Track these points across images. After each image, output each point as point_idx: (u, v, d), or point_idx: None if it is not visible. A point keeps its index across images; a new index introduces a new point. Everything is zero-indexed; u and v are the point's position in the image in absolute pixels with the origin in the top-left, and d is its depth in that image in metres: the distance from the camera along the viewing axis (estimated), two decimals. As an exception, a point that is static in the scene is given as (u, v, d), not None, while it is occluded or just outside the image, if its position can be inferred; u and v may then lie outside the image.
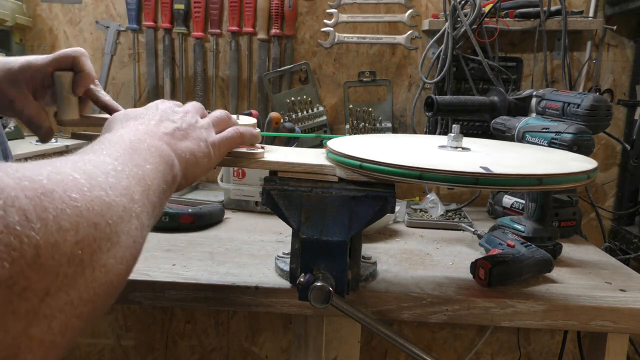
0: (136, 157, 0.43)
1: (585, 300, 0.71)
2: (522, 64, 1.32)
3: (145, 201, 0.40)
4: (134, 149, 0.45)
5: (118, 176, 0.37)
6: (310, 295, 0.62)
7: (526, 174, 0.58)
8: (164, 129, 0.53)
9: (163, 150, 0.49)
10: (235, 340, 1.52)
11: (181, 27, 1.40)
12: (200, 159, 0.56)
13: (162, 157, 0.48)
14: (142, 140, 0.48)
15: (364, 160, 0.62)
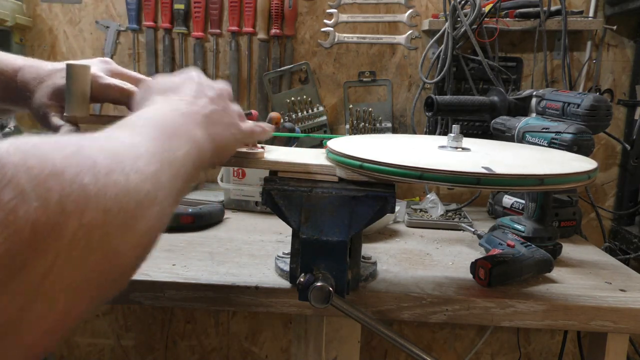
0: (171, 141, 0.43)
1: (585, 300, 0.71)
2: (522, 64, 1.32)
3: (171, 187, 0.39)
4: (171, 132, 0.44)
5: (149, 160, 0.37)
6: (310, 295, 0.62)
7: (528, 174, 0.58)
8: (203, 109, 0.52)
9: (199, 137, 0.48)
10: (235, 340, 1.52)
11: (181, 27, 1.40)
12: (229, 145, 0.57)
13: (197, 142, 0.47)
14: (181, 123, 0.48)
15: (365, 160, 0.62)
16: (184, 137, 0.46)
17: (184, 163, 0.43)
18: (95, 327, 1.53)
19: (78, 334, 1.54)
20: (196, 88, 0.55)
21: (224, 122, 0.55)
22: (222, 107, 0.55)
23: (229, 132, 0.55)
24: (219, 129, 0.53)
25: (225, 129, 0.55)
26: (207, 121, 0.52)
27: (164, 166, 0.39)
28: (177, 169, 0.41)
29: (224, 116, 0.55)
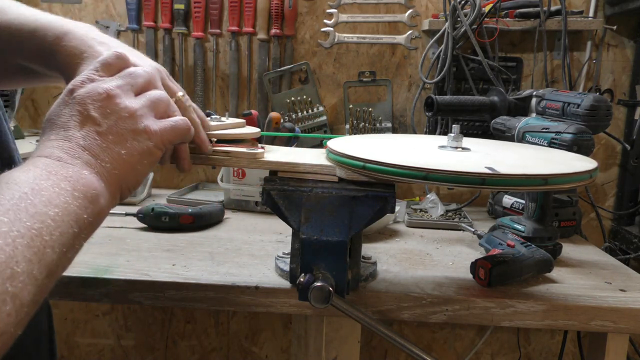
0: (36, 203, 0.36)
1: (585, 300, 0.71)
2: (522, 64, 1.32)
3: (34, 268, 0.34)
4: (37, 189, 0.38)
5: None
6: (310, 295, 0.62)
7: (532, 174, 0.58)
8: (83, 142, 0.44)
9: (81, 180, 0.41)
10: (235, 340, 1.52)
11: (181, 27, 1.40)
12: (138, 163, 0.47)
13: (79, 190, 0.40)
14: (52, 173, 0.40)
15: (367, 160, 0.61)
16: (58, 188, 0.39)
17: (58, 225, 0.37)
18: (95, 327, 1.53)
19: (78, 334, 1.54)
20: (78, 108, 0.45)
21: (125, 132, 0.46)
22: (111, 122, 0.46)
23: (131, 147, 0.46)
24: (117, 149, 0.45)
25: (129, 143, 0.46)
26: (97, 152, 0.44)
27: (20, 245, 0.33)
28: (44, 240, 0.36)
29: (124, 124, 0.46)
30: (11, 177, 0.38)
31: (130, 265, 0.78)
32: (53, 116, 0.46)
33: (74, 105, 0.45)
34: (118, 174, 0.45)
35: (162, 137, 0.49)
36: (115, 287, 0.72)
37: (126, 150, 0.46)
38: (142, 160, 0.48)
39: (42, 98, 1.46)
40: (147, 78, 0.51)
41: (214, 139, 0.70)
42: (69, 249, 0.39)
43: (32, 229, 0.35)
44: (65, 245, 0.38)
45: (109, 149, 0.45)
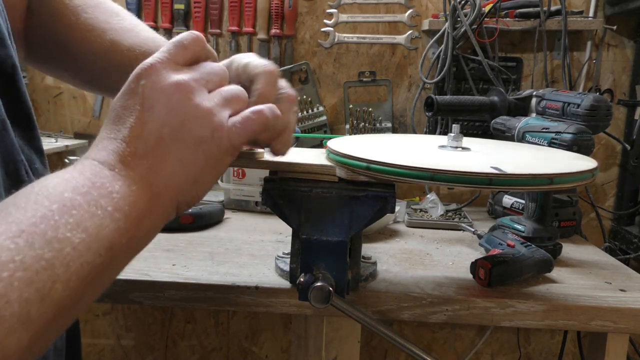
0: (60, 225, 0.32)
1: (585, 300, 0.71)
2: (522, 64, 1.32)
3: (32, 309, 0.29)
4: (68, 206, 0.33)
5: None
6: (310, 295, 0.62)
7: (538, 173, 0.58)
8: (142, 148, 0.38)
9: (127, 198, 0.36)
10: (235, 340, 1.52)
11: (181, 27, 1.40)
12: (201, 174, 0.41)
13: (122, 210, 0.35)
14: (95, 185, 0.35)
15: (371, 161, 0.60)
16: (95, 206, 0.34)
17: (78, 256, 0.32)
18: (95, 327, 1.53)
19: (78, 334, 1.54)
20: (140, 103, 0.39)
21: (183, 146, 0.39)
22: (178, 122, 0.39)
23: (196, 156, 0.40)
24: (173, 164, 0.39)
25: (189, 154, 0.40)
26: (151, 164, 0.38)
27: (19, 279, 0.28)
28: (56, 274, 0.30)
29: (183, 136, 0.40)
30: (47, 184, 0.34)
31: (130, 265, 0.77)
32: (117, 106, 0.40)
33: (138, 97, 0.40)
34: (176, 187, 0.40)
35: (232, 139, 0.42)
36: (115, 287, 0.72)
37: (190, 157, 0.40)
38: (206, 170, 0.41)
39: (42, 98, 1.46)
40: (223, 75, 0.45)
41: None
42: (92, 280, 0.33)
43: (42, 259, 0.30)
44: (86, 278, 0.32)
45: (169, 155, 0.39)
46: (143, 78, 0.40)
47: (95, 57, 0.62)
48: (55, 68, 0.68)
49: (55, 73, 0.70)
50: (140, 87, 0.40)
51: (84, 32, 0.62)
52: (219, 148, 0.41)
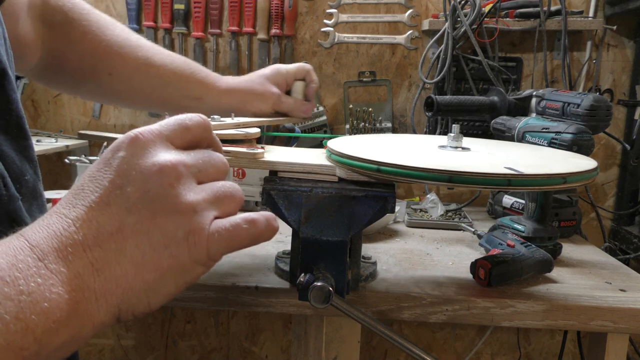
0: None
1: (585, 300, 0.71)
2: (522, 64, 1.32)
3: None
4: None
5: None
6: (310, 295, 0.62)
7: (552, 173, 0.58)
8: (93, 237, 0.31)
9: (39, 304, 0.28)
10: (235, 340, 1.52)
11: (181, 27, 1.40)
12: (160, 279, 0.33)
13: (27, 320, 0.28)
14: (11, 279, 0.28)
15: (382, 163, 0.59)
16: (22, 304, 0.27)
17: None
18: (95, 327, 1.53)
19: (78, 334, 1.54)
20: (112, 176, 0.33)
21: (146, 242, 0.32)
22: (148, 213, 0.32)
23: (157, 261, 0.32)
24: (124, 265, 0.31)
25: (148, 255, 0.32)
26: (97, 258, 0.31)
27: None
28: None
29: (149, 232, 0.32)
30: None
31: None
32: (86, 175, 0.34)
33: (110, 171, 0.33)
34: (121, 294, 0.31)
35: (210, 247, 0.35)
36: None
37: (150, 260, 0.32)
38: (167, 279, 0.33)
39: (42, 98, 1.46)
40: (221, 168, 0.38)
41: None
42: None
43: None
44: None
45: (124, 252, 0.31)
46: (122, 150, 0.33)
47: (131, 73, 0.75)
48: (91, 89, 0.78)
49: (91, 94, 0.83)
50: (116, 159, 0.33)
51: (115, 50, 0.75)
52: (190, 255, 0.34)
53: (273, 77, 0.86)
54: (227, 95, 0.84)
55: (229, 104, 0.84)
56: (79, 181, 0.34)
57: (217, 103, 0.83)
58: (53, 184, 1.40)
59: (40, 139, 1.34)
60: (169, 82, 0.79)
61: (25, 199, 0.45)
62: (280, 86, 0.87)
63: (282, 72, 0.87)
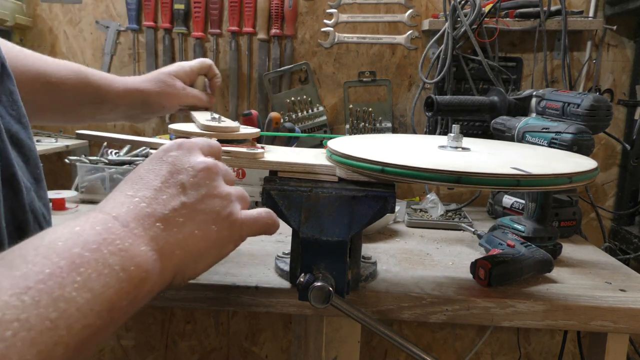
0: (67, 283, 0.30)
1: (585, 300, 0.71)
2: (522, 64, 1.32)
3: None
4: (77, 264, 0.32)
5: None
6: (310, 295, 0.62)
7: (559, 173, 0.58)
8: (160, 210, 0.39)
9: (135, 259, 0.35)
10: (235, 340, 1.52)
11: (181, 27, 1.40)
12: (207, 251, 0.42)
13: (128, 271, 0.34)
14: (107, 242, 0.34)
15: (386, 164, 0.59)
16: (102, 265, 0.33)
17: (85, 314, 0.31)
18: (95, 327, 1.53)
19: (78, 334, 1.53)
20: (167, 170, 0.42)
21: (203, 211, 0.41)
22: (199, 196, 0.42)
23: (206, 230, 0.41)
24: (189, 228, 0.40)
25: (203, 225, 0.41)
26: (165, 226, 0.39)
27: (22, 340, 0.27)
28: (57, 335, 0.29)
29: (204, 203, 0.42)
30: (57, 237, 0.33)
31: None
32: (141, 170, 0.42)
33: (166, 165, 0.42)
34: (180, 259, 0.39)
35: (243, 228, 0.45)
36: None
37: (202, 232, 0.41)
38: (211, 251, 0.42)
39: (42, 98, 1.46)
40: (233, 177, 0.50)
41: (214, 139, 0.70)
42: (89, 342, 0.31)
43: (46, 319, 0.28)
44: (85, 340, 0.31)
45: (184, 225, 0.40)
46: (174, 150, 0.44)
47: None
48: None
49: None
50: (169, 157, 0.43)
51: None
52: (230, 232, 0.44)
53: (177, 73, 0.87)
54: (127, 96, 0.83)
55: (131, 104, 0.84)
56: (134, 174, 0.42)
57: (117, 105, 0.82)
58: (53, 184, 1.41)
59: (40, 139, 1.34)
60: (62, 92, 0.76)
61: (40, 186, 0.51)
62: (185, 81, 0.89)
63: (185, 69, 0.89)
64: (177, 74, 0.87)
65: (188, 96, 0.88)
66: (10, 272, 0.29)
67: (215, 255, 0.43)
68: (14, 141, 0.47)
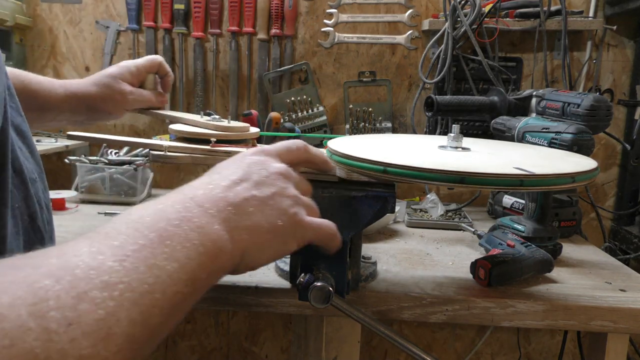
0: (157, 253, 0.33)
1: (585, 300, 0.71)
2: (522, 64, 1.32)
3: (136, 331, 0.29)
4: (164, 236, 0.35)
5: (98, 300, 0.28)
6: (310, 295, 0.62)
7: (561, 173, 0.58)
8: (232, 197, 0.42)
9: (212, 234, 0.38)
10: (235, 340, 1.52)
11: (181, 27, 1.40)
12: (269, 244, 0.44)
13: (206, 245, 0.37)
14: (186, 219, 0.37)
15: (389, 164, 0.59)
16: (185, 239, 0.36)
17: (172, 283, 0.33)
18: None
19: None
20: (242, 171, 0.46)
21: (271, 207, 0.44)
22: (269, 192, 0.45)
23: (271, 222, 0.44)
24: (257, 217, 0.43)
25: (269, 218, 0.44)
26: (236, 211, 0.42)
27: (126, 302, 0.29)
28: (155, 298, 0.31)
29: (273, 200, 0.45)
30: (143, 214, 0.37)
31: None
32: (219, 166, 0.47)
33: (243, 164, 0.47)
34: (246, 244, 0.42)
35: (306, 230, 0.47)
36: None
37: (267, 224, 0.43)
38: (273, 244, 0.44)
39: (42, 98, 1.46)
40: (309, 189, 0.52)
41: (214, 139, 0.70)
42: (176, 312, 0.34)
43: (145, 282, 0.31)
44: (174, 308, 0.33)
45: (253, 214, 0.43)
46: (254, 155, 0.49)
47: None
48: None
49: None
50: (247, 159, 0.48)
51: None
52: (293, 230, 0.46)
53: (122, 76, 0.83)
54: (69, 101, 0.79)
55: (74, 110, 0.80)
56: (213, 169, 0.47)
57: (61, 111, 0.79)
58: (53, 184, 1.40)
59: (40, 139, 1.34)
60: None
61: (42, 177, 0.53)
62: (132, 83, 0.84)
63: (131, 69, 0.84)
64: (122, 76, 0.83)
65: (136, 100, 0.84)
66: (109, 242, 0.32)
67: (278, 248, 0.45)
68: (18, 132, 0.48)
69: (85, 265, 0.29)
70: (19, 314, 0.24)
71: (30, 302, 0.25)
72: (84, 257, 0.30)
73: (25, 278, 0.26)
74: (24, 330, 0.24)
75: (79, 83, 0.81)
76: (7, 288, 0.25)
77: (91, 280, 0.28)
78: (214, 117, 0.79)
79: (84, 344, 0.26)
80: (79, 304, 0.27)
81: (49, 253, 0.30)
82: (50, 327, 0.25)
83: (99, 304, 0.28)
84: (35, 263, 0.28)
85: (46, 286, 0.26)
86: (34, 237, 0.49)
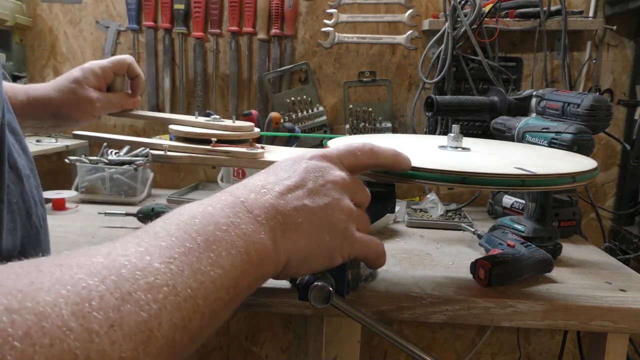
0: (203, 258, 0.33)
1: (585, 300, 0.71)
2: (522, 64, 1.32)
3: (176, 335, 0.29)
4: (210, 241, 0.34)
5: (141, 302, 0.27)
6: (310, 295, 0.62)
7: (562, 173, 0.58)
8: (283, 205, 0.41)
9: (257, 244, 0.38)
10: (235, 340, 1.52)
11: (181, 27, 1.40)
12: (315, 254, 0.43)
13: (251, 254, 0.37)
14: (234, 225, 0.37)
15: None
16: (232, 246, 0.36)
17: (214, 289, 0.33)
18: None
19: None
20: (300, 174, 0.44)
21: (316, 224, 0.43)
22: (322, 203, 0.43)
23: (320, 238, 0.43)
24: (300, 231, 0.41)
25: (315, 232, 0.42)
26: (286, 220, 0.41)
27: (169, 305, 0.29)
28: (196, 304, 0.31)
29: (325, 212, 0.43)
30: (194, 215, 0.36)
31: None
32: (277, 166, 0.46)
33: (301, 168, 0.45)
34: (291, 254, 0.41)
35: (353, 246, 0.46)
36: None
37: (315, 237, 0.42)
38: (318, 256, 0.44)
39: (42, 98, 1.46)
40: (367, 199, 0.49)
41: (214, 139, 0.70)
42: (216, 318, 0.34)
43: (189, 287, 0.31)
44: (214, 314, 0.33)
45: (302, 225, 0.42)
46: (315, 159, 0.46)
47: None
48: None
49: None
50: (304, 163, 0.45)
51: None
52: (340, 245, 0.44)
53: (87, 80, 0.77)
54: (31, 107, 0.74)
55: (38, 117, 0.76)
56: (270, 168, 0.46)
57: (24, 117, 0.73)
58: (53, 184, 1.40)
59: (41, 139, 1.34)
60: None
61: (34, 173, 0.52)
62: (99, 86, 0.79)
63: (96, 72, 0.78)
64: (86, 80, 0.77)
65: (103, 107, 0.79)
66: (157, 242, 0.32)
67: (322, 263, 0.44)
68: (10, 129, 0.48)
69: (131, 266, 0.29)
70: (61, 313, 0.24)
71: (73, 302, 0.25)
72: (131, 258, 0.29)
73: (71, 277, 0.26)
74: (65, 330, 0.24)
75: (40, 88, 0.76)
76: (52, 286, 0.25)
77: (137, 281, 0.28)
78: (214, 117, 0.79)
79: (124, 347, 0.26)
80: (123, 305, 0.26)
81: (96, 251, 0.30)
82: (91, 328, 0.25)
83: (143, 306, 0.27)
84: (80, 262, 0.28)
85: (90, 286, 0.26)
86: (31, 232, 0.49)
